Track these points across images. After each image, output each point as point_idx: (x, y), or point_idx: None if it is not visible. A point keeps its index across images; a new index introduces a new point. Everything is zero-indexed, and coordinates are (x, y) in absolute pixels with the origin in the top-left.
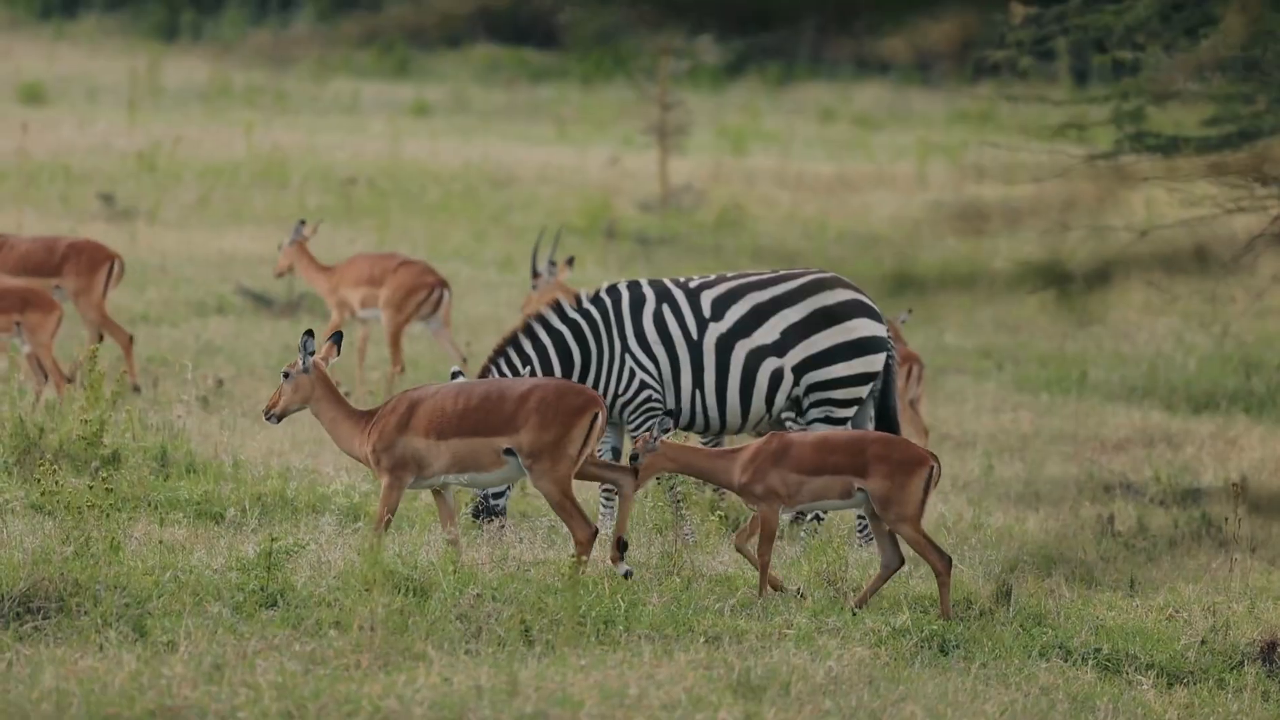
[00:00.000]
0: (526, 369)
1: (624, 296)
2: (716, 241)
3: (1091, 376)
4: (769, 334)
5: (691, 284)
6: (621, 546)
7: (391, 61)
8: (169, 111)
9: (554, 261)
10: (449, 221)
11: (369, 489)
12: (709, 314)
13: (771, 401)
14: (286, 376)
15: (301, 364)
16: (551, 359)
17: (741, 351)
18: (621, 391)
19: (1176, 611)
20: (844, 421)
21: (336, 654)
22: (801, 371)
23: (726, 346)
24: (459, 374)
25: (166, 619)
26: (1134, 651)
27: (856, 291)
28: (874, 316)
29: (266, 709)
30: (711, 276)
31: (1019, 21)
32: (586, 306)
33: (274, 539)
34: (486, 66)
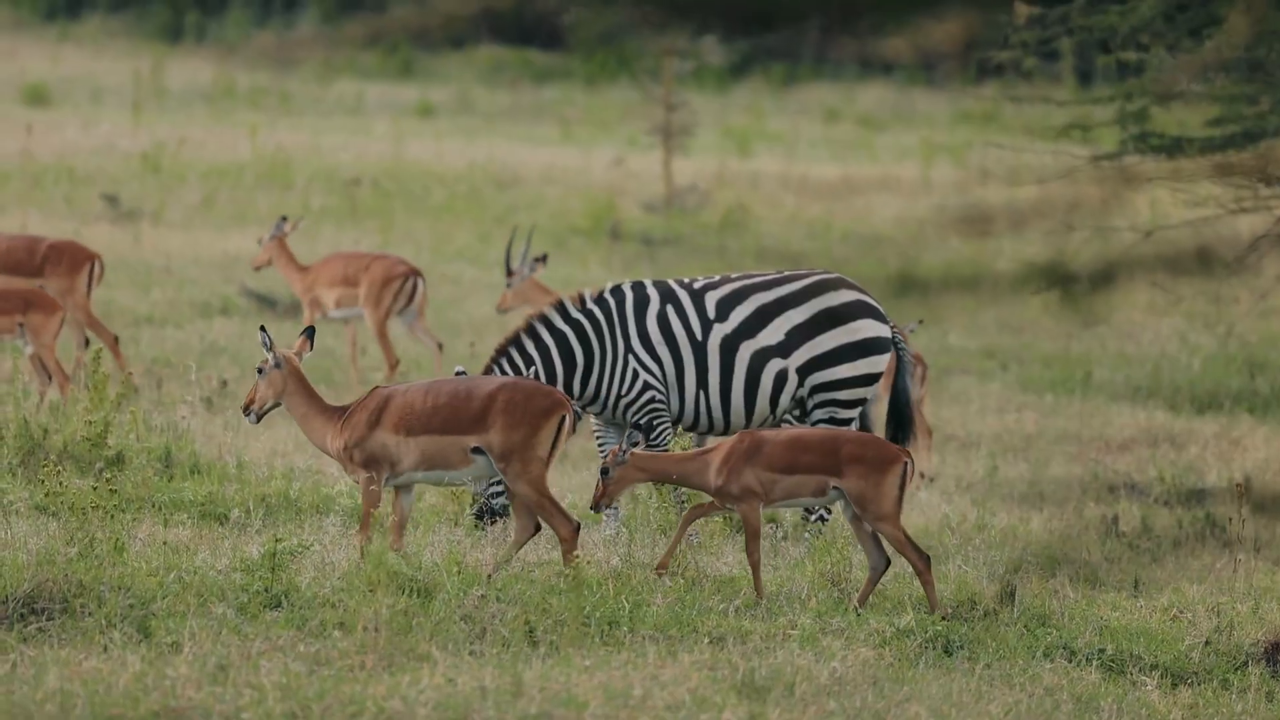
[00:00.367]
0: (530, 369)
1: (628, 297)
2: (721, 242)
3: (1096, 377)
4: (773, 335)
5: (696, 285)
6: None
7: (396, 63)
8: (173, 113)
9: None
10: (453, 223)
11: None
12: (713, 315)
13: (776, 402)
14: (260, 372)
15: (273, 359)
16: (554, 359)
17: (746, 352)
18: (625, 392)
19: (1181, 612)
20: (848, 422)
21: (341, 655)
22: (806, 372)
23: (731, 347)
24: (462, 373)
25: (171, 620)
26: (1138, 652)
27: (861, 292)
28: (878, 317)
29: (271, 710)
30: (716, 277)
31: (1023, 22)
32: (590, 307)
33: (278, 540)
34: (491, 67)
